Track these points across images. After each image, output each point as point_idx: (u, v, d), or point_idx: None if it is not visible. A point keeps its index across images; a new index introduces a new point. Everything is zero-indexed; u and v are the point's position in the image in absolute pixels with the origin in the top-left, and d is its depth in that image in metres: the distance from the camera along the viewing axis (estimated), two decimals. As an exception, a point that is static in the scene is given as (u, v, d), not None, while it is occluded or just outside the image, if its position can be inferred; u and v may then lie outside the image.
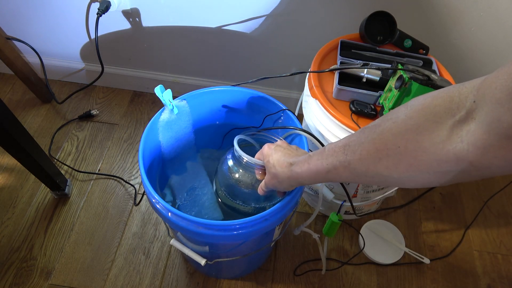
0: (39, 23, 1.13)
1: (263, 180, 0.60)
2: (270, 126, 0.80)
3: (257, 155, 0.63)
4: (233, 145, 0.68)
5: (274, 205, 0.62)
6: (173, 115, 0.74)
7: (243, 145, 0.69)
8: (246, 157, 0.64)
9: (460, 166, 0.32)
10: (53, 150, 1.14)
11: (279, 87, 1.21)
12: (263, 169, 0.62)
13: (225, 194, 0.74)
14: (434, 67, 0.82)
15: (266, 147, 0.59)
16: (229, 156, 0.71)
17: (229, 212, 0.83)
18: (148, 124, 0.71)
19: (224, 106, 0.82)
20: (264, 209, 0.74)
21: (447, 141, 0.32)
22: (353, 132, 0.72)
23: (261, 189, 0.62)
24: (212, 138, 0.88)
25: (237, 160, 0.67)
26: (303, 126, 0.81)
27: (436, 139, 0.33)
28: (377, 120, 0.41)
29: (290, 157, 0.54)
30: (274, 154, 0.56)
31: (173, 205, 0.89)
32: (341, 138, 0.74)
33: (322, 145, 0.72)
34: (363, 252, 0.98)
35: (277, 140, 0.71)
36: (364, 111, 0.72)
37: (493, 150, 0.29)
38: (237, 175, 0.69)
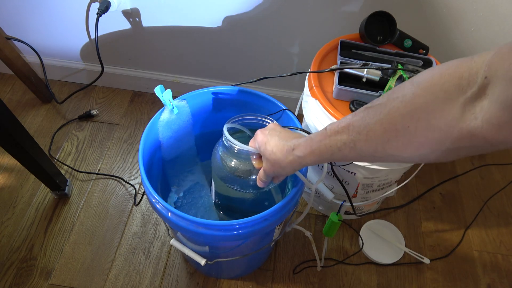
0: (39, 23, 1.13)
1: (262, 169, 0.57)
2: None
3: (250, 143, 0.60)
4: (223, 134, 0.65)
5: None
6: (173, 115, 0.74)
7: (232, 134, 0.66)
8: (239, 146, 0.61)
9: (474, 142, 0.32)
10: (53, 150, 1.14)
11: (279, 87, 1.21)
12: (259, 156, 0.59)
13: (222, 186, 0.71)
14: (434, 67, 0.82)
15: (260, 134, 0.56)
16: (220, 147, 0.68)
17: (225, 214, 0.83)
18: (148, 124, 0.71)
19: (224, 106, 0.82)
20: (263, 196, 0.73)
21: (460, 119, 0.32)
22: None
23: (260, 180, 0.59)
24: (211, 138, 0.88)
25: (229, 149, 0.64)
26: (303, 126, 0.81)
27: (448, 117, 0.32)
28: (380, 99, 0.39)
29: (288, 141, 0.51)
30: (271, 140, 0.53)
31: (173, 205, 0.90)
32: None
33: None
34: (363, 252, 0.98)
35: (268, 123, 0.67)
36: (364, 111, 0.72)
37: (508, 127, 0.29)
38: (232, 164, 0.66)
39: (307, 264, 0.96)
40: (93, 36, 1.14)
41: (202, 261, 0.70)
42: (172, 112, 0.73)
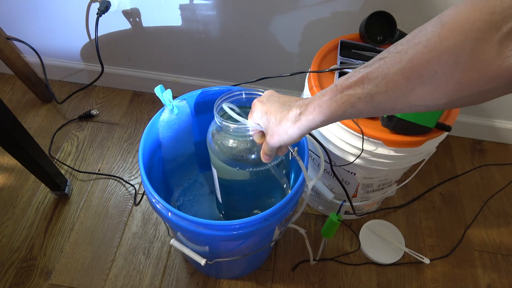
0: (39, 23, 1.13)
1: (265, 143, 0.52)
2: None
3: (249, 117, 0.55)
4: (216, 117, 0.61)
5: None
6: (173, 115, 0.74)
7: (223, 115, 0.62)
8: (235, 124, 0.57)
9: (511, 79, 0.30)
10: (53, 150, 1.14)
11: (279, 87, 1.21)
12: (261, 131, 0.55)
13: (223, 171, 0.68)
14: (434, 67, 0.81)
15: (258, 104, 0.51)
16: (214, 130, 0.64)
17: (228, 207, 0.82)
18: (148, 124, 0.71)
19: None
20: (267, 182, 0.71)
21: (496, 57, 0.29)
22: (353, 132, 0.72)
23: (264, 154, 0.54)
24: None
25: (224, 130, 0.61)
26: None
27: (482, 57, 0.30)
28: (398, 46, 0.35)
29: (292, 105, 0.47)
30: (272, 108, 0.49)
31: (173, 205, 0.90)
32: (342, 136, 0.74)
33: (322, 145, 0.72)
34: (363, 252, 0.98)
35: (262, 92, 0.61)
36: (364, 111, 0.72)
37: None
38: (229, 145, 0.62)
39: (307, 264, 0.96)
40: (93, 36, 1.14)
41: (202, 261, 0.70)
42: (172, 112, 0.73)
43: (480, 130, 1.22)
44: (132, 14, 1.06)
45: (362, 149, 0.72)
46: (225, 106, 0.60)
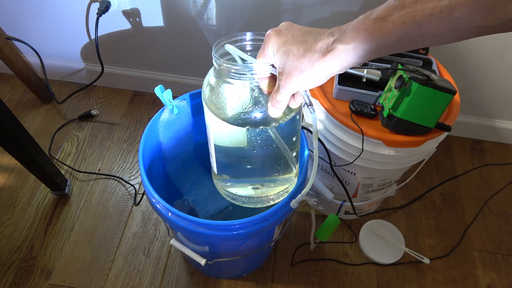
0: (39, 23, 1.13)
1: (278, 86, 0.40)
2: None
3: (259, 55, 0.42)
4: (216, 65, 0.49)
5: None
6: (173, 115, 0.74)
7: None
8: (239, 66, 0.45)
9: None
10: (53, 150, 1.14)
11: (279, 87, 1.20)
12: (271, 76, 0.43)
13: (220, 137, 0.56)
14: (434, 67, 0.82)
15: (273, 35, 0.39)
16: (211, 78, 0.51)
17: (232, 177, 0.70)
18: (148, 124, 0.71)
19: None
20: (270, 149, 0.55)
21: None
22: (353, 132, 0.72)
23: (274, 104, 0.42)
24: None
25: (224, 75, 0.47)
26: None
27: None
28: None
29: (320, 33, 0.35)
30: (293, 39, 0.37)
31: (184, 203, 0.89)
32: (342, 136, 0.74)
33: (323, 144, 0.72)
34: (363, 252, 0.98)
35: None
36: (364, 111, 0.72)
37: None
38: (228, 98, 0.49)
39: (306, 263, 0.96)
40: (93, 36, 1.14)
41: (202, 261, 0.70)
42: (172, 112, 0.73)
43: (480, 130, 1.22)
44: (132, 14, 1.06)
45: (362, 149, 0.72)
46: (228, 46, 0.48)
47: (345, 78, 0.77)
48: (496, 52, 0.98)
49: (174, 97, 0.72)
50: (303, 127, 0.69)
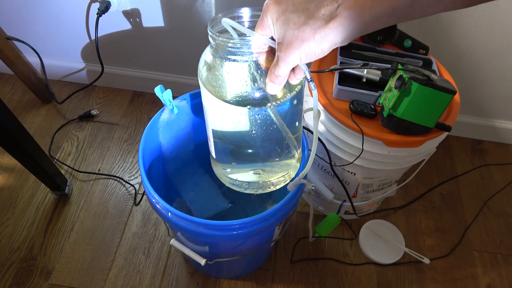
0: (39, 23, 1.13)
1: (277, 59, 0.37)
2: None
3: (258, 27, 0.39)
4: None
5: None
6: (173, 115, 0.74)
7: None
8: (235, 40, 0.42)
9: None
10: (53, 150, 1.14)
11: (279, 87, 1.20)
12: (269, 50, 0.41)
13: (217, 116, 0.52)
14: (434, 67, 0.82)
15: (272, 4, 0.36)
16: (207, 57, 0.49)
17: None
18: (148, 124, 0.71)
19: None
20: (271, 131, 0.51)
21: None
22: (353, 132, 0.72)
23: (272, 79, 0.39)
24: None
25: (221, 50, 0.45)
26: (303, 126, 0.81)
27: None
28: None
29: (322, 0, 0.33)
30: (294, 7, 0.34)
31: (184, 203, 0.89)
32: (342, 136, 0.74)
33: (323, 144, 0.72)
34: (363, 252, 0.98)
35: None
36: (364, 111, 0.72)
37: None
38: (226, 70, 0.46)
39: (306, 263, 0.96)
40: (93, 36, 1.14)
41: (202, 261, 0.70)
42: (172, 112, 0.73)
43: (480, 130, 1.22)
44: (132, 14, 1.06)
45: (362, 149, 0.72)
46: (225, 20, 0.45)
47: (345, 78, 0.77)
48: (496, 52, 0.99)
49: (174, 97, 0.72)
50: (303, 127, 0.69)
